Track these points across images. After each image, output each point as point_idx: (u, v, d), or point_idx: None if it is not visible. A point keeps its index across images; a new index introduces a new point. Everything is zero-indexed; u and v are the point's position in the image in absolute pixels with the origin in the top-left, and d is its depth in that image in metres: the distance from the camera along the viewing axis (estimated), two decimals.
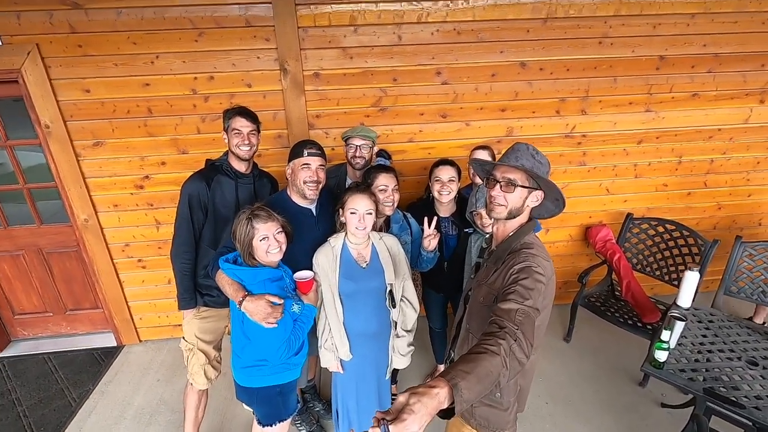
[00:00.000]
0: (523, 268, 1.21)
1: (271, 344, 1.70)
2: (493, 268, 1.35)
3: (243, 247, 1.68)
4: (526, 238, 1.33)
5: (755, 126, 2.99)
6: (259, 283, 1.68)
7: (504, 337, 1.00)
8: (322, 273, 1.84)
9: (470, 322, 1.45)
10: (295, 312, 1.75)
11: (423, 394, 0.81)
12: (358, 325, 1.89)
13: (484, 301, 1.34)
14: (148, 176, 2.73)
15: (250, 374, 1.80)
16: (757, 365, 1.90)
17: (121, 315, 3.11)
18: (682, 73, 2.78)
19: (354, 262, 1.85)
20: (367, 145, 2.24)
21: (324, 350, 1.93)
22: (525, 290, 1.15)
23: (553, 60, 2.67)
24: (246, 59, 2.51)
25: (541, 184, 1.31)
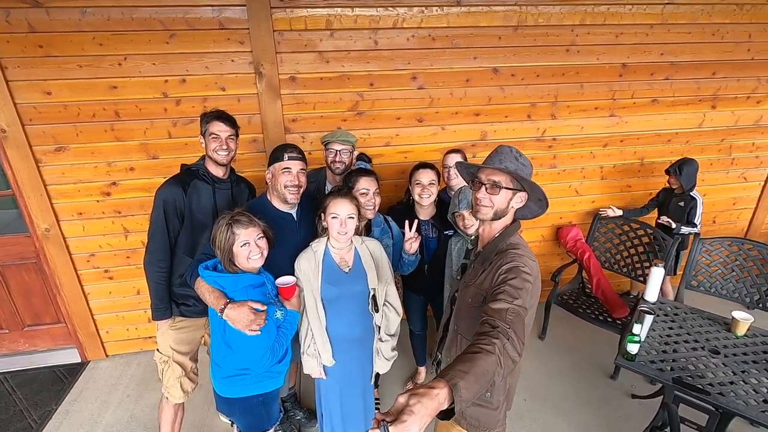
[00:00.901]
0: (511, 268, 1.23)
1: (255, 352, 1.66)
2: (480, 269, 1.37)
3: (223, 254, 1.64)
4: (512, 239, 1.36)
5: (708, 130, 3.20)
6: (240, 290, 1.64)
7: (497, 336, 1.01)
8: (304, 278, 1.82)
9: (458, 323, 1.46)
10: (279, 318, 1.72)
11: (423, 395, 0.81)
12: (341, 330, 1.88)
13: (472, 302, 1.36)
14: (116, 183, 2.62)
15: (231, 384, 1.75)
16: (719, 353, 2.02)
17: (86, 329, 2.95)
18: (642, 80, 2.94)
19: (336, 267, 1.84)
20: (346, 149, 2.24)
21: (306, 356, 1.90)
22: (514, 290, 1.17)
23: (524, 66, 2.77)
24: (220, 62, 2.46)
25: (524, 185, 1.34)
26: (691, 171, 2.87)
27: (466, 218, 2.00)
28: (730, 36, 2.92)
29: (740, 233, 3.64)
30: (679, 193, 2.95)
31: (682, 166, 2.88)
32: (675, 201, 2.96)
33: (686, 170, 2.86)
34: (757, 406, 1.74)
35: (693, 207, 2.92)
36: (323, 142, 2.30)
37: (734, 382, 1.86)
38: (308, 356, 1.90)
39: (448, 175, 2.36)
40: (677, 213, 2.95)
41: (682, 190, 2.93)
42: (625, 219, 3.09)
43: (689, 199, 2.93)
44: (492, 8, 2.60)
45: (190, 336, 2.11)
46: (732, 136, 3.26)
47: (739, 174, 3.42)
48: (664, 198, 3.04)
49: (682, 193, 2.93)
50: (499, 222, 1.38)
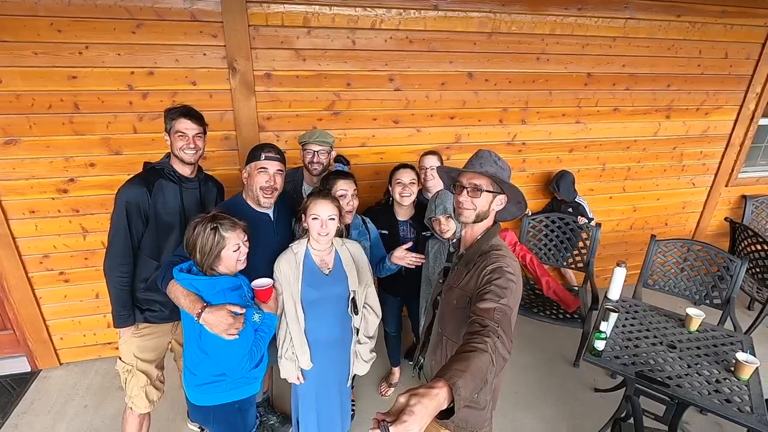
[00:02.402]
0: (495, 269, 1.26)
1: (232, 357, 1.60)
2: (464, 270, 1.39)
3: (205, 258, 1.56)
4: (494, 241, 1.40)
5: (663, 138, 3.42)
6: (218, 293, 1.58)
7: (488, 335, 1.03)
8: (284, 281, 1.79)
9: (443, 326, 1.48)
10: (256, 321, 1.68)
11: (423, 395, 0.81)
12: (321, 332, 1.87)
13: (457, 303, 1.38)
14: (74, 179, 2.45)
15: (206, 392, 1.69)
16: (675, 348, 2.17)
17: (37, 335, 2.75)
18: (605, 89, 3.10)
19: (317, 269, 1.82)
20: (324, 150, 2.21)
21: (284, 360, 1.87)
22: (500, 289, 1.20)
23: (497, 72, 2.84)
24: (191, 55, 2.36)
25: (504, 188, 1.38)
26: (567, 184, 3.15)
27: (443, 223, 2.03)
28: (684, 51, 3.13)
29: (688, 235, 3.92)
30: (565, 202, 3.21)
31: (559, 182, 3.14)
32: (564, 208, 3.23)
33: (563, 185, 3.14)
34: (709, 396, 1.89)
35: (582, 209, 3.22)
36: (301, 142, 2.26)
37: (689, 374, 2.00)
38: (286, 360, 1.86)
39: (425, 177, 2.38)
40: None
41: (569, 199, 3.19)
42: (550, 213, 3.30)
43: (576, 205, 3.22)
44: (468, 14, 2.65)
45: (156, 343, 2.02)
46: (683, 145, 3.50)
47: (689, 180, 3.68)
48: (554, 205, 3.30)
49: (569, 202, 3.20)
50: (480, 224, 1.41)
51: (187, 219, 1.85)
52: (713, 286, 2.81)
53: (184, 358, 1.74)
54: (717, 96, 3.36)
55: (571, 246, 3.23)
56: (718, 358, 2.10)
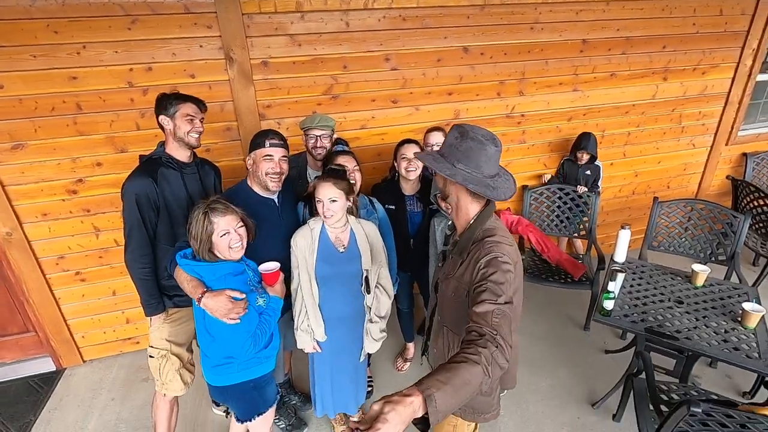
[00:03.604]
0: (489, 261, 1.21)
1: (236, 341, 1.65)
2: (458, 259, 1.35)
3: (201, 244, 1.60)
4: (488, 224, 1.32)
5: (661, 101, 3.42)
6: (219, 279, 1.61)
7: (485, 345, 0.99)
8: (300, 255, 1.86)
9: (443, 314, 1.48)
10: (261, 305, 1.71)
11: (397, 402, 0.81)
12: (333, 308, 1.93)
13: (454, 295, 1.35)
14: (82, 180, 2.49)
15: (219, 373, 1.74)
16: (683, 303, 2.22)
17: (60, 335, 2.82)
18: (601, 54, 3.09)
19: (332, 246, 1.88)
20: (327, 134, 2.24)
21: (300, 332, 1.96)
22: (496, 286, 1.15)
23: (492, 45, 2.84)
24: (187, 48, 2.37)
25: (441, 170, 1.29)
26: (593, 142, 3.14)
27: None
28: (678, 11, 3.11)
29: (691, 196, 3.95)
30: (586, 164, 3.18)
31: (585, 143, 3.12)
32: (582, 171, 3.21)
33: (591, 145, 3.12)
34: (718, 345, 1.94)
35: (599, 173, 3.22)
36: (302, 127, 2.28)
37: (697, 327, 2.06)
38: (302, 332, 1.95)
39: None
40: (585, 180, 3.22)
41: (591, 161, 3.18)
42: (551, 185, 3.32)
43: (595, 167, 3.21)
44: None
45: (186, 326, 2.08)
46: (681, 106, 3.50)
47: (689, 141, 3.69)
48: (569, 170, 3.26)
49: (588, 163, 3.18)
50: (467, 208, 1.34)
51: (194, 204, 1.89)
52: (717, 244, 2.85)
53: (198, 340, 1.80)
54: (713, 54, 3.35)
55: (577, 215, 3.25)
56: (725, 310, 2.15)
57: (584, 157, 3.17)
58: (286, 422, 2.44)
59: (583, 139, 3.14)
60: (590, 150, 3.13)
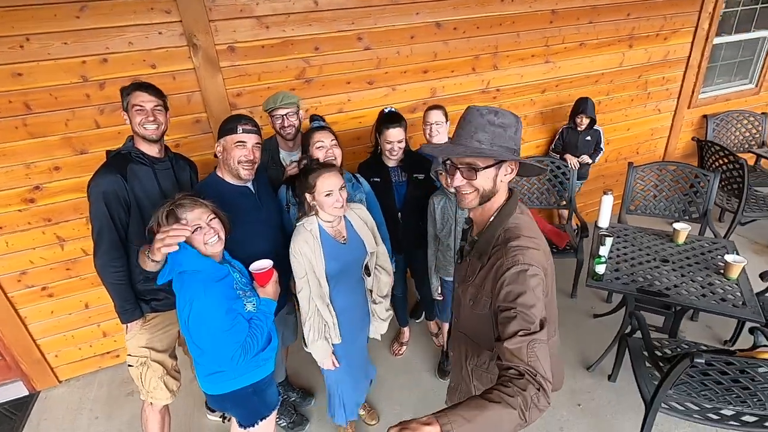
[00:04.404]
0: (516, 276, 1.06)
1: (224, 353, 1.51)
2: (477, 264, 1.21)
3: None
4: (510, 222, 1.16)
5: (628, 68, 3.50)
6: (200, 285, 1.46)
7: (525, 387, 0.90)
8: (306, 262, 1.72)
9: (460, 321, 1.38)
10: (251, 311, 1.59)
11: (415, 429, 0.79)
12: (342, 300, 1.87)
13: (473, 303, 1.24)
14: (39, 186, 2.28)
15: (215, 381, 1.63)
16: (668, 261, 2.30)
17: (29, 357, 2.62)
18: (570, 24, 3.11)
19: (334, 241, 1.80)
20: (293, 111, 2.14)
21: (315, 345, 1.84)
22: (526, 311, 1.02)
23: (464, 19, 2.79)
24: (145, 36, 2.19)
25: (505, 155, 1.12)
26: (591, 106, 3.17)
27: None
28: None
29: (659, 159, 4.09)
30: (585, 130, 3.22)
31: (584, 107, 3.13)
32: (582, 137, 3.24)
33: (589, 106, 3.15)
34: (706, 298, 2.02)
35: (599, 137, 3.27)
36: (266, 109, 2.17)
37: (684, 282, 2.13)
38: (321, 342, 1.83)
39: (431, 132, 2.36)
40: (586, 146, 3.26)
41: (590, 126, 3.22)
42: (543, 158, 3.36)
43: (595, 132, 3.26)
44: None
45: (167, 331, 1.97)
46: (646, 72, 3.59)
47: (654, 107, 3.80)
48: (570, 138, 3.29)
49: (588, 129, 3.22)
50: (491, 202, 1.18)
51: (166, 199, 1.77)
52: (690, 202, 2.97)
53: (189, 350, 1.69)
54: (674, 20, 3.44)
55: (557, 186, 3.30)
56: (707, 264, 2.24)
57: (584, 121, 3.16)
58: (287, 420, 2.37)
59: (581, 104, 3.14)
60: (589, 113, 3.12)
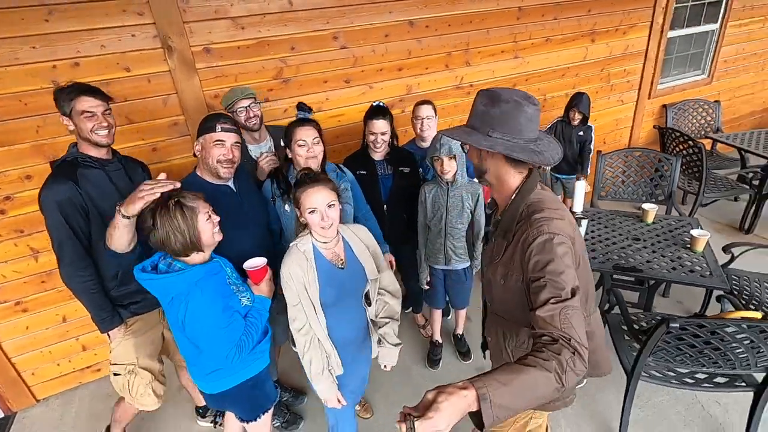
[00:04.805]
0: (542, 247, 1.08)
1: (220, 351, 1.52)
2: (503, 242, 1.22)
3: (190, 240, 1.42)
4: (532, 198, 1.18)
5: (591, 62, 3.67)
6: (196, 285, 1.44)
7: (559, 351, 0.90)
8: (298, 287, 1.57)
9: (492, 301, 1.38)
10: (247, 305, 1.60)
11: (452, 393, 0.80)
12: (342, 331, 1.69)
13: (504, 282, 1.23)
14: (10, 197, 2.21)
15: (214, 379, 1.63)
16: (640, 240, 2.42)
17: (4, 376, 2.51)
18: (536, 21, 3.25)
19: (331, 265, 1.62)
20: (254, 102, 2.18)
21: (319, 380, 1.64)
22: (556, 278, 1.03)
23: (436, 17, 2.88)
24: (118, 38, 2.16)
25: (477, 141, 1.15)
26: (585, 102, 3.25)
27: (445, 163, 2.05)
28: None
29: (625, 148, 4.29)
30: (579, 125, 3.32)
31: (579, 103, 3.21)
32: (576, 132, 3.34)
33: (583, 102, 3.23)
34: (676, 271, 2.14)
35: (590, 134, 3.35)
36: (227, 105, 2.17)
37: (656, 258, 2.25)
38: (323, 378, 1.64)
39: (422, 126, 2.43)
40: (579, 141, 3.35)
41: (583, 122, 3.30)
42: None
43: (588, 129, 3.34)
44: None
45: (151, 334, 1.94)
46: (609, 65, 3.78)
47: (618, 98, 4.00)
48: (563, 131, 3.36)
49: (581, 124, 3.31)
50: (509, 182, 1.21)
51: None
52: (656, 186, 3.14)
53: (183, 355, 1.67)
54: (631, 15, 3.64)
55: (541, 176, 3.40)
56: (675, 240, 2.38)
57: (576, 116, 3.22)
58: (280, 420, 2.36)
59: (575, 98, 3.21)
60: (582, 109, 3.18)
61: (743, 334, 1.61)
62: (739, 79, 4.74)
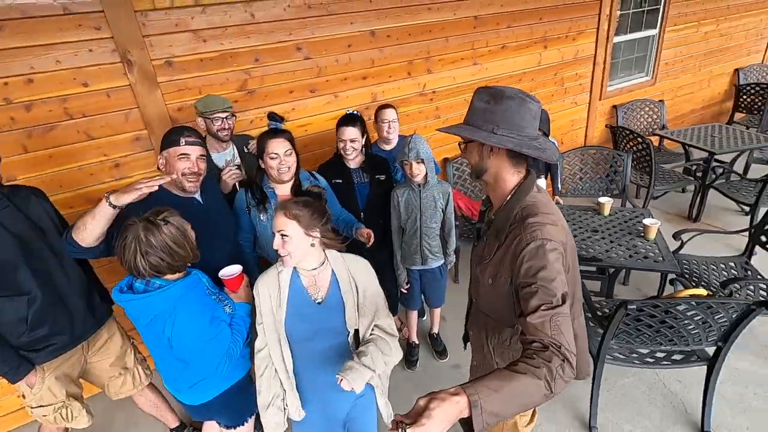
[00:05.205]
0: (535, 251, 1.08)
1: (210, 362, 1.52)
2: (495, 242, 1.21)
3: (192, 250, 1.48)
4: (527, 201, 1.17)
5: (545, 67, 3.87)
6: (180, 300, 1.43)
7: (549, 359, 0.91)
8: (264, 306, 1.45)
9: (479, 299, 1.39)
10: (230, 313, 1.61)
11: (444, 399, 0.80)
12: (312, 374, 1.52)
13: (493, 282, 1.24)
14: None
15: (199, 390, 1.63)
16: (598, 231, 2.57)
17: None
18: (491, 29, 3.40)
19: (306, 295, 1.46)
20: (231, 114, 2.22)
21: (267, 413, 1.48)
22: (547, 285, 1.04)
23: (396, 27, 2.97)
24: (74, 53, 2.11)
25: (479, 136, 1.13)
26: (545, 120, 3.19)
27: (414, 167, 2.10)
28: None
29: None
30: None
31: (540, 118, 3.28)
32: None
33: (543, 120, 3.31)
34: (632, 258, 2.29)
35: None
36: (204, 111, 2.17)
37: (614, 247, 2.40)
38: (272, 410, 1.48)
39: (388, 129, 2.52)
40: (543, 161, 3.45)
41: None
42: None
43: None
44: None
45: (73, 360, 1.84)
46: (561, 70, 3.99)
47: (571, 100, 4.22)
48: None
49: None
50: (506, 181, 1.20)
51: (25, 243, 1.60)
52: (611, 181, 3.34)
53: (161, 372, 1.65)
54: (579, 22, 3.87)
55: None
56: (630, 230, 2.54)
57: None
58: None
59: None
60: (541, 127, 3.19)
61: (693, 311, 1.74)
62: (680, 80, 5.10)
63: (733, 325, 1.81)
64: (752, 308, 1.72)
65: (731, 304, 1.74)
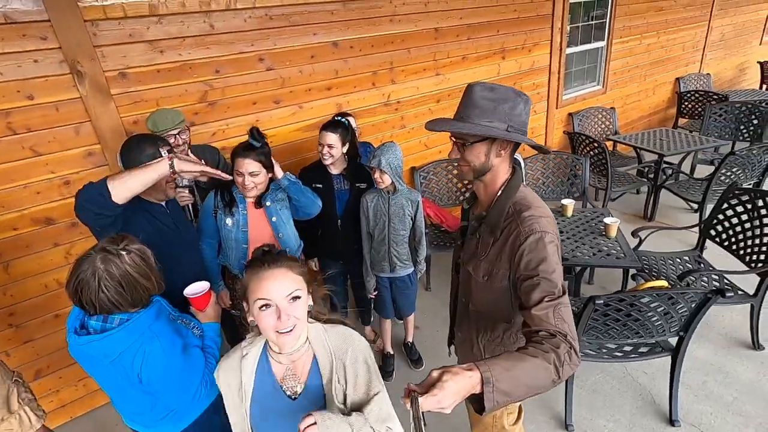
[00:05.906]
0: (534, 246, 1.08)
1: (186, 392, 1.43)
2: (489, 238, 1.20)
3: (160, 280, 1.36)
4: (518, 195, 1.18)
5: (504, 77, 4.00)
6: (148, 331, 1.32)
7: (558, 345, 0.92)
8: (228, 401, 1.16)
9: (470, 297, 1.35)
10: (198, 336, 1.52)
11: (456, 373, 0.81)
12: None
13: (488, 279, 1.22)
14: None
15: (172, 420, 1.50)
16: (562, 232, 2.65)
17: None
18: (452, 41, 3.49)
19: (277, 388, 1.11)
20: (185, 128, 2.16)
21: None
22: (549, 278, 1.05)
23: (358, 38, 2.99)
24: (17, 65, 1.99)
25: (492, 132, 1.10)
26: None
27: (377, 174, 2.09)
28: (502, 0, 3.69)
29: None
30: None
31: None
32: None
33: None
34: (596, 256, 2.37)
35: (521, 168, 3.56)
36: (154, 132, 2.07)
37: (578, 246, 2.47)
38: None
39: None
40: None
41: None
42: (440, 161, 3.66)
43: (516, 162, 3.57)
44: None
45: None
46: (520, 80, 4.15)
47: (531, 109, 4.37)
48: None
49: None
50: (495, 179, 1.20)
51: None
52: (572, 184, 3.46)
53: (123, 409, 1.52)
54: (533, 35, 4.05)
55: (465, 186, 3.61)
56: (592, 229, 2.64)
57: None
58: None
59: None
60: None
61: (656, 302, 1.82)
62: (628, 88, 5.42)
63: (693, 314, 1.90)
64: (708, 296, 1.81)
65: (689, 294, 1.82)
